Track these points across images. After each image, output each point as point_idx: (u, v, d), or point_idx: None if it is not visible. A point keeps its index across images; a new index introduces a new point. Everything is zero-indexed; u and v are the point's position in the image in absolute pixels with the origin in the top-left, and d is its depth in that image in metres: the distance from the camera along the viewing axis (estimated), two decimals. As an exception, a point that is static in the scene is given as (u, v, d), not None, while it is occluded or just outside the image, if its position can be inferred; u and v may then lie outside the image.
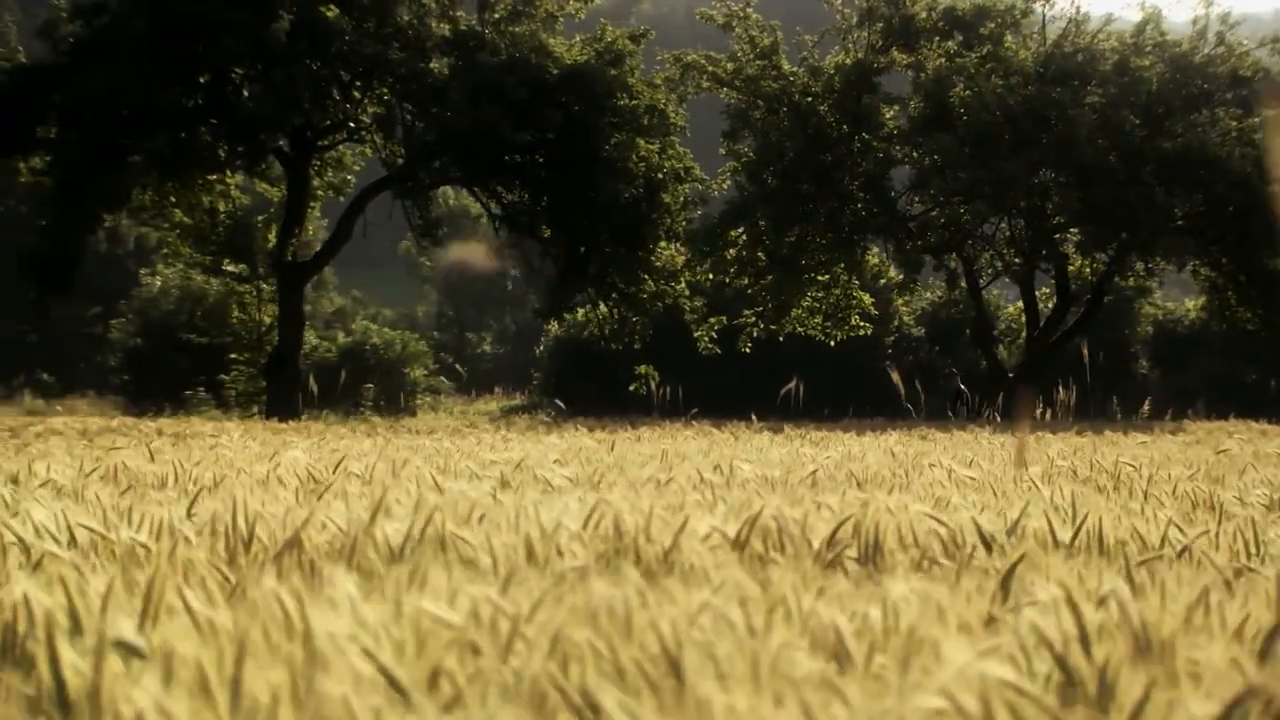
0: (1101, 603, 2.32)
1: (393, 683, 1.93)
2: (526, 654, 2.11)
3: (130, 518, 3.88)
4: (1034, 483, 6.24)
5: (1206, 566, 3.48)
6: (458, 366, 69.62)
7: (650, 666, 1.99)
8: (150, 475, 6.75)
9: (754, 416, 24.13)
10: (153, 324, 56.78)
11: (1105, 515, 3.90)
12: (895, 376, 11.32)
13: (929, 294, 61.48)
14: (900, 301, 60.72)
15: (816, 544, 3.62)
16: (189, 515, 4.07)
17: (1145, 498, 5.73)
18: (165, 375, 53.43)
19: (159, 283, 57.42)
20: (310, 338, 65.93)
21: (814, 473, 7.08)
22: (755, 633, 2.15)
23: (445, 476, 6.45)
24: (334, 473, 6.91)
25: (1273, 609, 2.32)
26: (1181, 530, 3.85)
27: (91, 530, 3.61)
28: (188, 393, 52.47)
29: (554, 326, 61.16)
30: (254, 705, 1.84)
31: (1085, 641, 2.02)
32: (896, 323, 62.26)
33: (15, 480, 6.36)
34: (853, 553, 3.62)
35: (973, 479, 6.70)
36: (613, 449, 11.85)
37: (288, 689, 1.84)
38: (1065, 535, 3.84)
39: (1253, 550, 3.75)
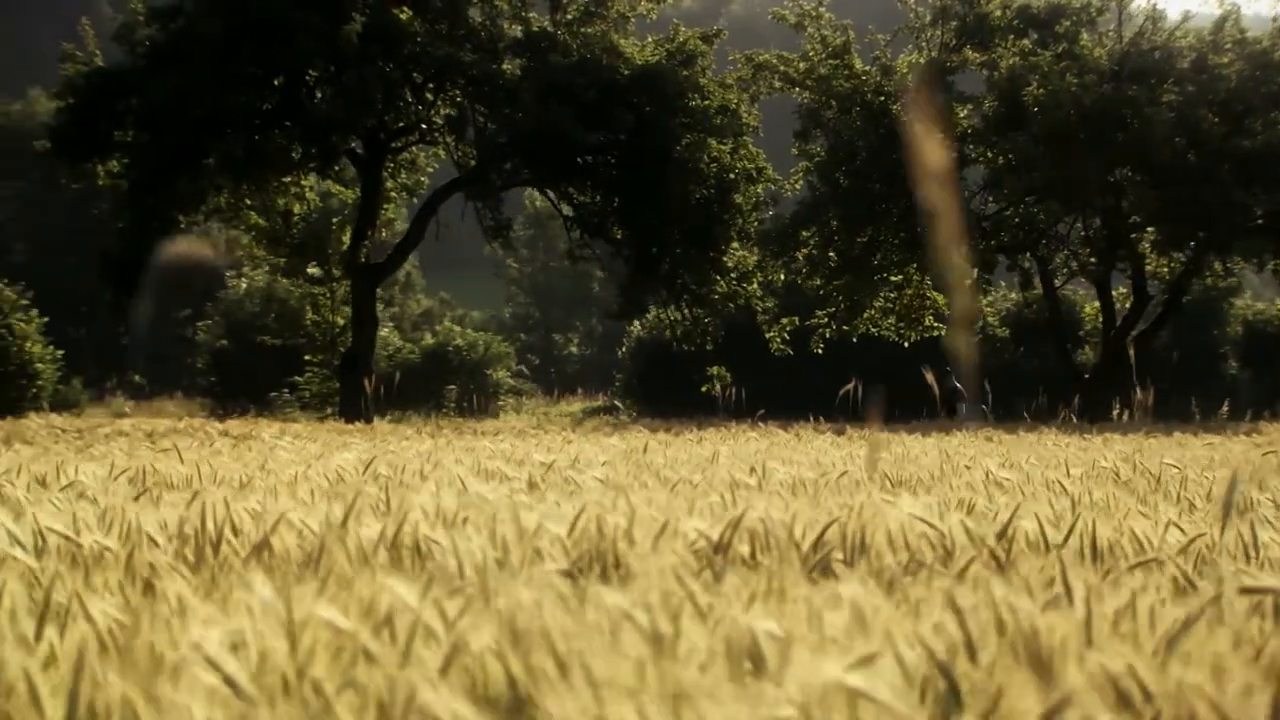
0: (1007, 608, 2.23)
1: (238, 691, 1.90)
2: (421, 664, 2.08)
3: (114, 521, 3.86)
4: (1062, 485, 6.19)
5: (1171, 570, 3.38)
6: (522, 369, 69.39)
7: (523, 677, 1.97)
8: (175, 477, 6.77)
9: (820, 418, 23.98)
10: (238, 326, 57.46)
11: (1110, 518, 3.85)
12: (930, 378, 11.11)
13: (1014, 294, 60.99)
14: (985, 301, 60.32)
15: (805, 547, 3.54)
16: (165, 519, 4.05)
17: (1177, 500, 5.68)
18: (250, 377, 54.04)
19: (244, 285, 58.08)
20: (394, 339, 66.56)
21: (843, 474, 6.92)
22: (658, 640, 2.11)
23: (479, 478, 6.45)
24: (363, 474, 6.94)
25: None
26: (1183, 531, 3.79)
27: (59, 534, 3.61)
28: (272, 394, 53.05)
29: (636, 328, 61.34)
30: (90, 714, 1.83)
31: (971, 649, 1.97)
32: (981, 323, 61.73)
33: (42, 482, 6.40)
34: (840, 555, 3.54)
35: (1007, 480, 6.59)
36: (668, 450, 11.87)
37: (132, 698, 1.81)
38: (1057, 537, 3.75)
39: (1251, 554, 3.66)
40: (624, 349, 70.83)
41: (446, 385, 58.73)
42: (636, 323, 57.04)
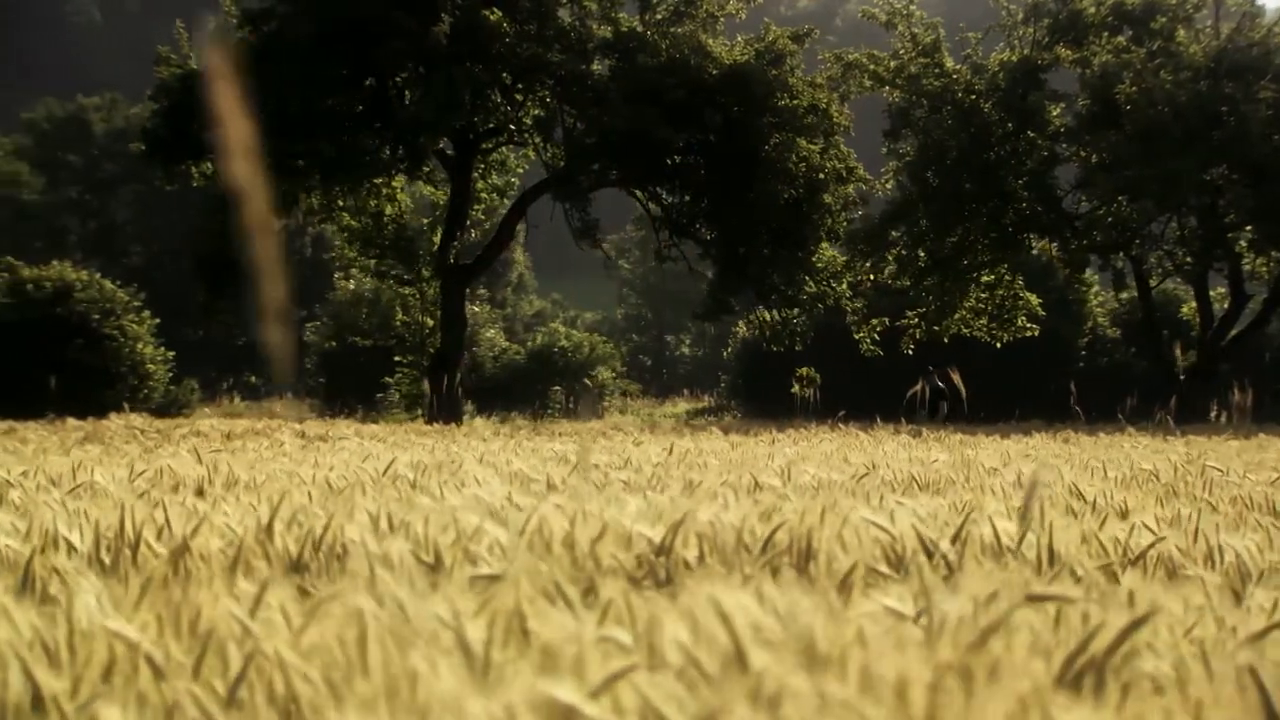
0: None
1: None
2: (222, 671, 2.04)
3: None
4: (1078, 489, 6.06)
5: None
6: (628, 370, 69.42)
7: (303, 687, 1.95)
8: (189, 478, 6.78)
9: (902, 419, 23.72)
10: (345, 327, 57.95)
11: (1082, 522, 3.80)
12: (955, 377, 10.91)
13: (1125, 294, 60.07)
14: (1094, 301, 59.56)
15: (755, 550, 3.54)
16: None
17: (1194, 501, 5.63)
18: (356, 377, 54.51)
19: (352, 286, 58.54)
20: (500, 340, 66.85)
21: (863, 477, 6.95)
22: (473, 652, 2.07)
23: (502, 480, 6.44)
24: (384, 474, 6.92)
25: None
26: (1154, 533, 3.75)
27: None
28: (379, 395, 53.52)
29: (741, 328, 61.13)
30: None
31: (741, 656, 1.89)
32: (1090, 323, 60.86)
33: (55, 483, 6.43)
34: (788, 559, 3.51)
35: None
36: (733, 451, 11.85)
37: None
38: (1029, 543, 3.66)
39: (1216, 559, 3.67)
40: (729, 349, 70.75)
41: (551, 386, 58.89)
42: (741, 323, 56.83)
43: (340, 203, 40.06)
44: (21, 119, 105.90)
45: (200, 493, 6.36)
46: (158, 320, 54.51)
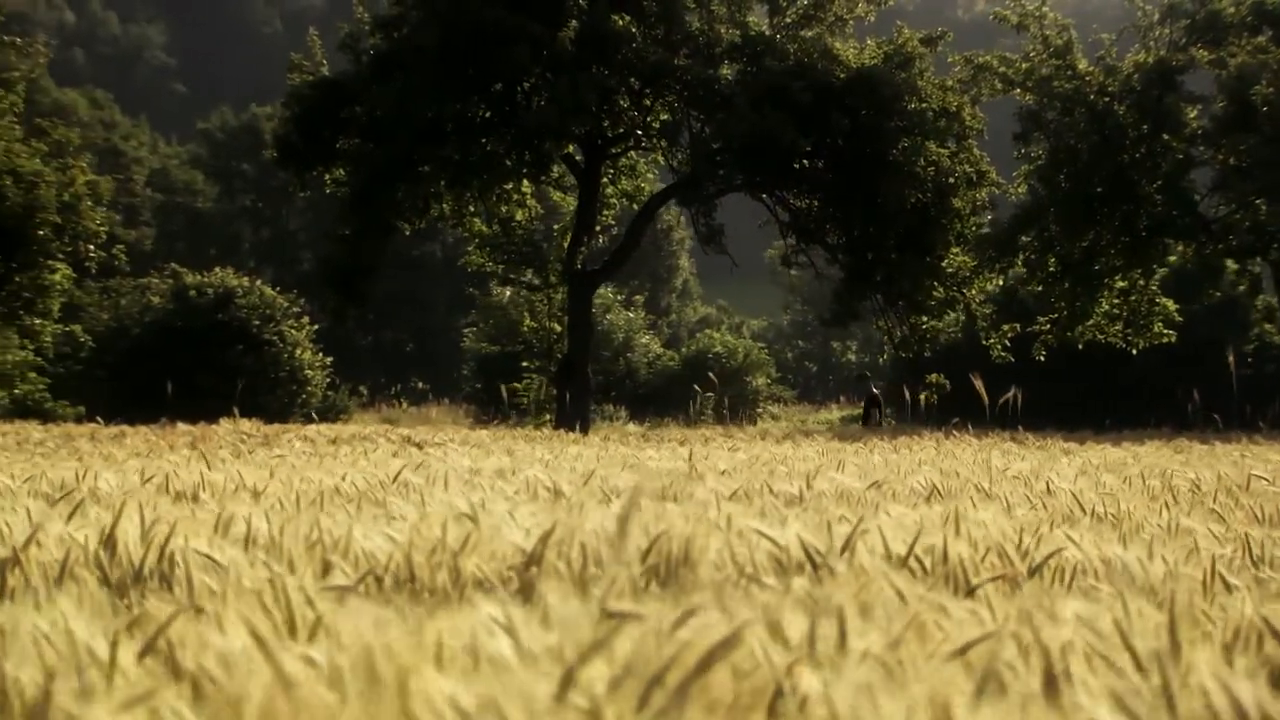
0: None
1: None
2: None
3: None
4: (1084, 495, 5.92)
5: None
6: (768, 377, 68.98)
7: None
8: (191, 485, 6.79)
9: (1019, 426, 23.19)
10: (501, 332, 58.34)
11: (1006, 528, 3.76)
12: (978, 384, 10.62)
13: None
14: (1259, 305, 57.98)
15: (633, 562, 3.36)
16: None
17: (1190, 509, 5.53)
18: (512, 381, 54.91)
19: (508, 292, 59.01)
20: (655, 347, 66.94)
21: (874, 484, 6.88)
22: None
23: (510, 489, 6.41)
24: (393, 482, 6.90)
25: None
26: (1072, 542, 3.64)
27: None
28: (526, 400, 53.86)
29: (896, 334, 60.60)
30: None
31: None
32: (1256, 330, 59.23)
33: (61, 487, 6.49)
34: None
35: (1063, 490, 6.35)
36: (821, 457, 11.74)
37: None
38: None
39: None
40: (885, 355, 70.22)
41: (705, 393, 58.98)
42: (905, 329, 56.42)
43: (471, 208, 40.35)
44: (197, 128, 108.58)
45: (194, 499, 6.41)
46: (316, 327, 55.33)
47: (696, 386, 36.03)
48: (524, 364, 52.62)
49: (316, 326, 55.16)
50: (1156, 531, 4.69)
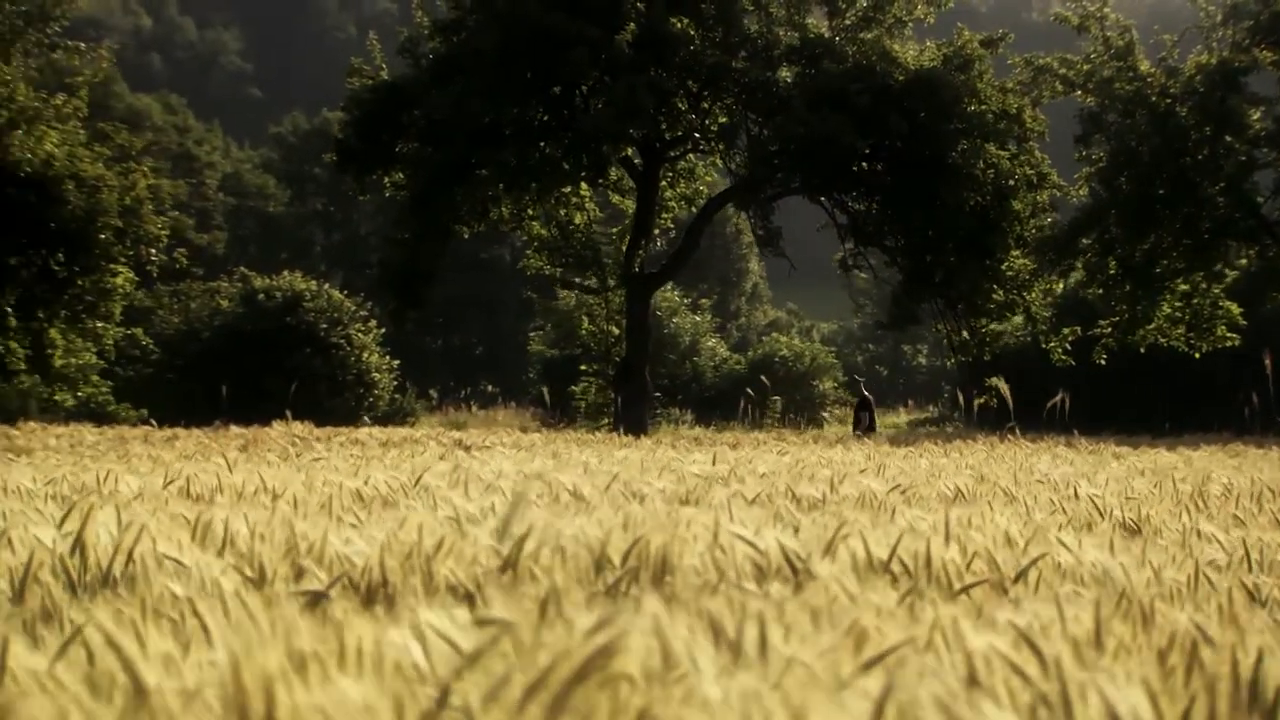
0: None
1: None
2: None
3: None
4: (1106, 500, 5.90)
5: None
6: (835, 381, 68.66)
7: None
8: (206, 487, 6.82)
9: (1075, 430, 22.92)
10: (562, 336, 58.44)
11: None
12: (1003, 388, 10.56)
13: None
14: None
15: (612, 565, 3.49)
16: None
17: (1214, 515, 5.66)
18: (572, 386, 54.95)
19: (574, 297, 59.18)
20: (721, 350, 66.88)
21: (904, 488, 6.97)
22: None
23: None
24: (415, 485, 6.90)
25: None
26: (1065, 548, 3.67)
27: None
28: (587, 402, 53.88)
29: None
30: None
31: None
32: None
33: (82, 489, 6.53)
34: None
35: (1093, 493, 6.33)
36: (868, 461, 11.70)
37: None
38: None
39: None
40: (951, 359, 69.88)
41: (771, 396, 58.74)
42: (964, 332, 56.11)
43: (529, 212, 40.42)
44: (269, 132, 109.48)
45: (203, 499, 6.43)
46: (384, 330, 55.55)
47: (749, 390, 35.88)
48: (581, 368, 52.65)
49: (384, 330, 55.35)
50: (1175, 536, 4.71)
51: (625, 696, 1.82)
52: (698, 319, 67.02)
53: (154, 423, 22.90)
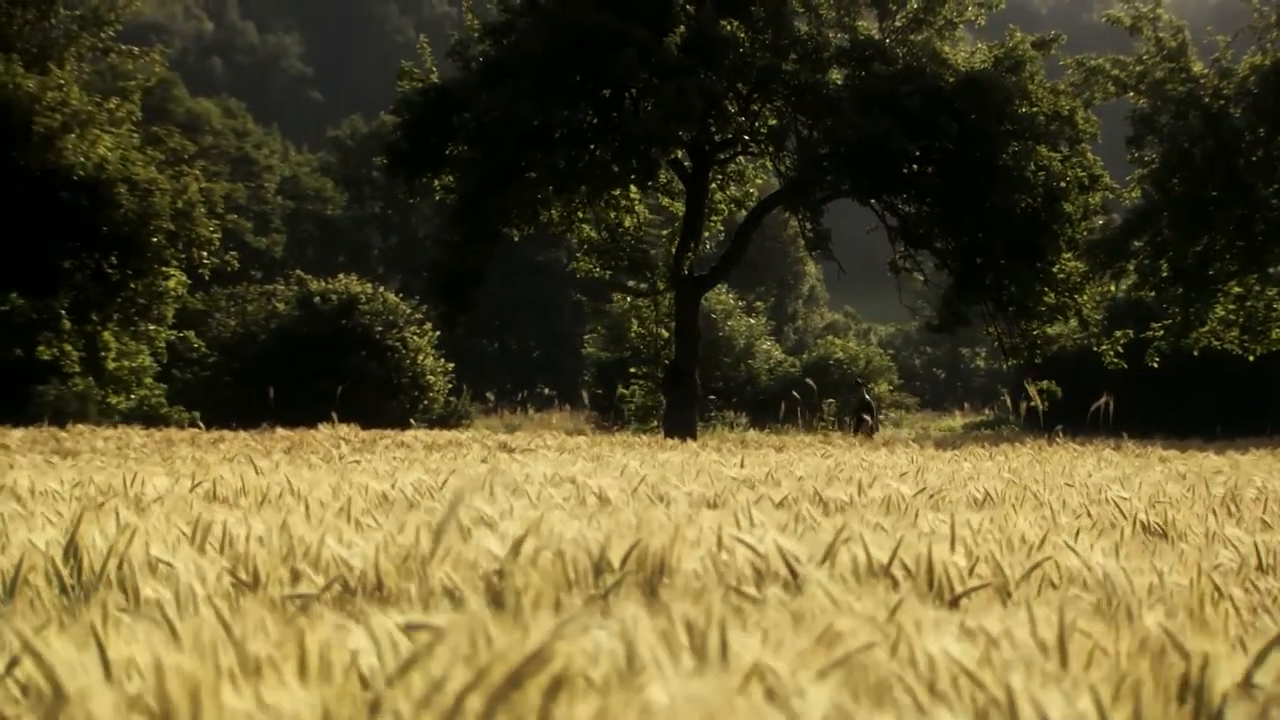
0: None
1: None
2: None
3: None
4: (1131, 503, 5.86)
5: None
6: (890, 384, 68.47)
7: None
8: (231, 490, 6.84)
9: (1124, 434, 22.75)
10: (617, 339, 58.48)
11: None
12: (1031, 390, 10.45)
13: None
14: None
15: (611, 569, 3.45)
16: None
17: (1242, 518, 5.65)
18: (625, 388, 54.96)
19: (628, 300, 59.25)
20: (775, 353, 66.79)
21: (922, 492, 6.88)
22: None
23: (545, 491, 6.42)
24: (441, 488, 6.90)
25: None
26: (1073, 551, 3.65)
27: None
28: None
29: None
30: None
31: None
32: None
33: (105, 491, 6.56)
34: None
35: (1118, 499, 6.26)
36: (910, 464, 11.66)
37: None
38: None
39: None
40: (1007, 362, 69.56)
41: (826, 399, 58.59)
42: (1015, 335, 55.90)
43: (580, 214, 40.43)
44: (327, 136, 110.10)
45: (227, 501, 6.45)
46: (439, 333, 55.70)
47: (795, 394, 35.73)
48: (631, 370, 52.68)
49: (439, 333, 55.53)
50: (1198, 540, 4.68)
51: (563, 701, 1.81)
52: (753, 321, 67.03)
53: (201, 425, 23.02)
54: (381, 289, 57.20)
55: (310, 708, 1.72)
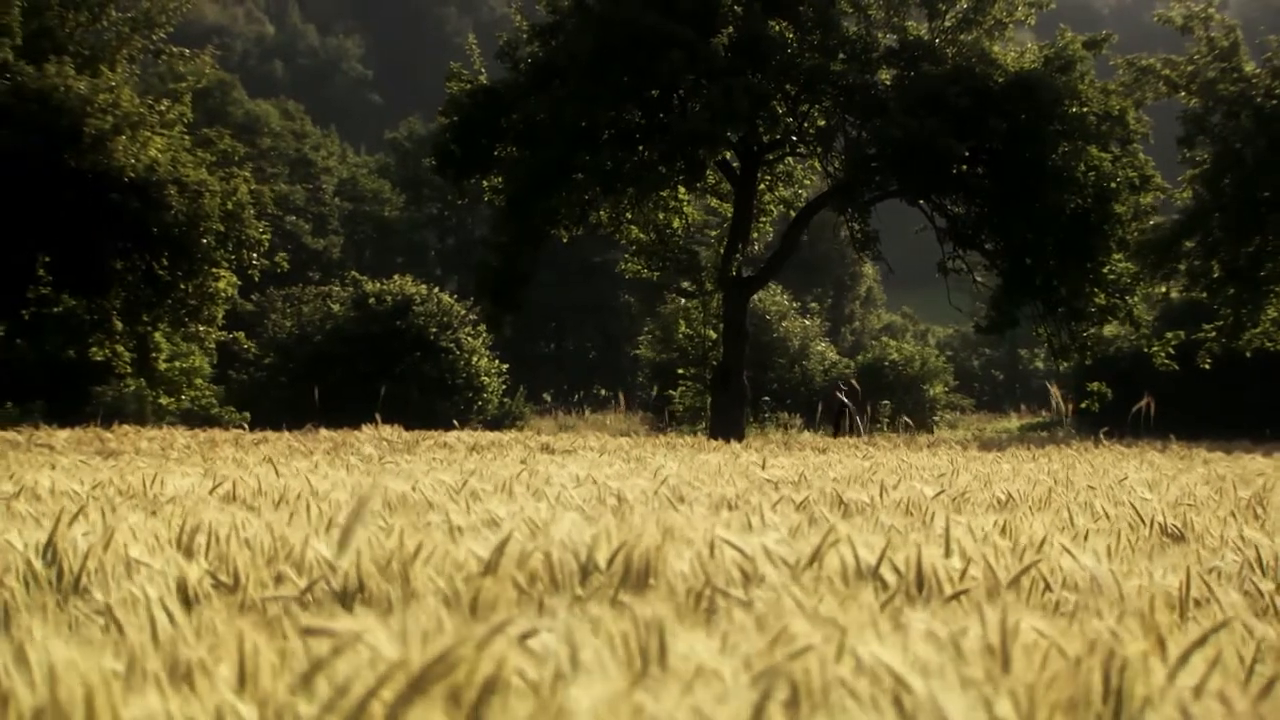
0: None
1: None
2: None
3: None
4: (1151, 506, 5.82)
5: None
6: (946, 385, 68.24)
7: None
8: (248, 493, 6.84)
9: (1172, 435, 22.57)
10: (667, 340, 58.53)
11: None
12: (1055, 392, 10.39)
13: None
14: None
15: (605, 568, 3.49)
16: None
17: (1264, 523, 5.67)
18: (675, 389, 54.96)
19: (682, 301, 59.28)
20: (830, 354, 66.66)
21: (951, 494, 7.01)
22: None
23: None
24: (461, 489, 6.90)
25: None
26: (1069, 553, 3.62)
27: None
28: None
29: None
30: None
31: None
32: None
33: (124, 493, 6.60)
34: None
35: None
36: (957, 468, 11.64)
37: None
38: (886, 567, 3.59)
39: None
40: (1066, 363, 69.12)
41: (881, 401, 58.46)
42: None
43: (628, 215, 40.43)
44: (385, 137, 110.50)
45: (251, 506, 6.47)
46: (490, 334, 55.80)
47: (838, 394, 35.66)
48: (679, 371, 52.69)
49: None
50: (1213, 542, 4.70)
51: (495, 705, 1.80)
52: (807, 323, 66.94)
53: (246, 426, 23.18)
54: (436, 290, 57.35)
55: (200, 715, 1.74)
